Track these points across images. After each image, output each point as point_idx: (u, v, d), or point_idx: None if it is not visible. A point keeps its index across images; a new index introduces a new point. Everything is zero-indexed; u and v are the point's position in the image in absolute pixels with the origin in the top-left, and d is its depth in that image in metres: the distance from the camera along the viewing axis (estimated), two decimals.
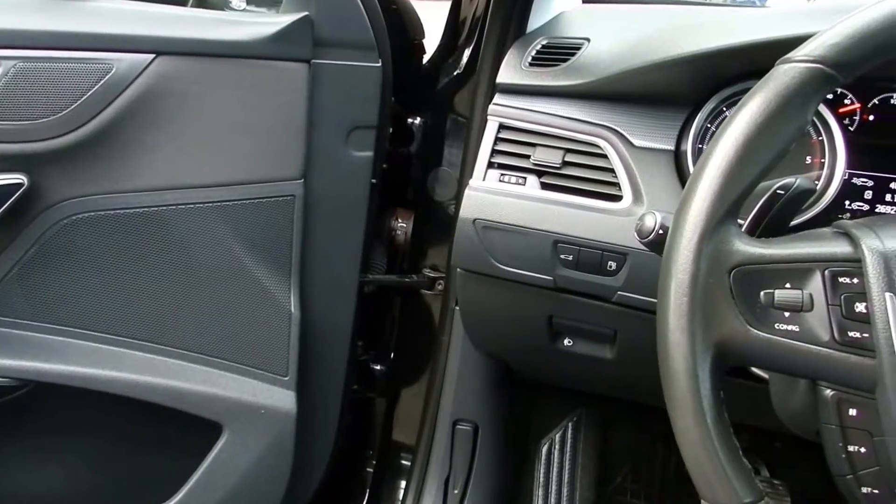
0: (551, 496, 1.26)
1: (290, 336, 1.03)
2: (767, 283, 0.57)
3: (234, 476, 1.03)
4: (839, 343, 0.55)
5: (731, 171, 0.57)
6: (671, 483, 1.29)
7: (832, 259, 0.56)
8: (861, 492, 0.56)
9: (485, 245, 0.91)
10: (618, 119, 0.89)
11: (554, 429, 1.28)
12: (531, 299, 0.92)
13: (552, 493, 1.26)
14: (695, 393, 0.56)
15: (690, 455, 0.57)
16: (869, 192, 0.84)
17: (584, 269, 0.87)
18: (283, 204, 1.01)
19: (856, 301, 0.55)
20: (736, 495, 0.56)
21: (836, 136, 0.82)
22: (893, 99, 0.84)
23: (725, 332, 0.57)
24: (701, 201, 0.57)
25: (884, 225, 0.57)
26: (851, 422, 0.56)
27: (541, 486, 1.26)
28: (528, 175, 0.91)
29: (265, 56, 0.96)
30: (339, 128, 1.02)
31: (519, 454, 1.27)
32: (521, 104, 0.93)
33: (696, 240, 0.57)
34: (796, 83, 0.57)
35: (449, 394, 1.14)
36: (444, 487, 1.14)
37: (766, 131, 0.57)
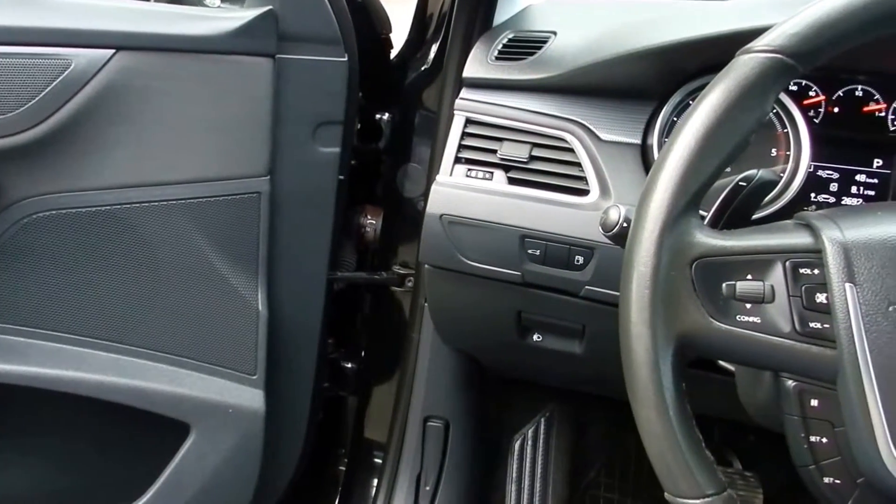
0: (524, 491, 1.26)
1: (258, 334, 1.02)
2: (729, 275, 0.57)
3: (202, 476, 1.02)
4: (800, 334, 0.55)
5: (691, 163, 0.57)
6: (644, 477, 1.30)
7: (793, 250, 0.56)
8: (823, 482, 0.57)
9: (452, 241, 0.90)
10: (584, 113, 0.89)
11: (526, 424, 1.28)
12: (499, 295, 0.92)
13: (525, 489, 1.26)
14: (657, 386, 0.56)
15: (653, 448, 0.57)
16: (834, 185, 0.85)
17: (552, 263, 0.87)
18: (248, 201, 1.00)
19: (816, 292, 0.55)
20: (698, 487, 0.56)
21: (801, 128, 0.83)
22: (858, 91, 0.84)
23: (687, 325, 0.56)
24: (662, 193, 0.57)
25: (844, 215, 0.57)
26: (813, 412, 0.56)
27: (513, 482, 1.26)
28: (496, 170, 0.90)
29: (228, 51, 0.94)
30: (305, 124, 1.01)
31: (491, 450, 1.26)
32: (488, 98, 0.92)
33: (657, 232, 0.57)
34: (756, 73, 0.56)
35: (419, 391, 1.13)
36: (415, 484, 1.14)
37: (726, 122, 0.57)
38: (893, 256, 0.53)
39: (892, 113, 0.83)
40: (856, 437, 0.54)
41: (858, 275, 0.53)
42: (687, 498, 0.56)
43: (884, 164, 0.83)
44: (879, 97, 0.83)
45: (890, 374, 0.52)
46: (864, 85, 0.83)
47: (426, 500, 1.14)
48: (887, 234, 0.54)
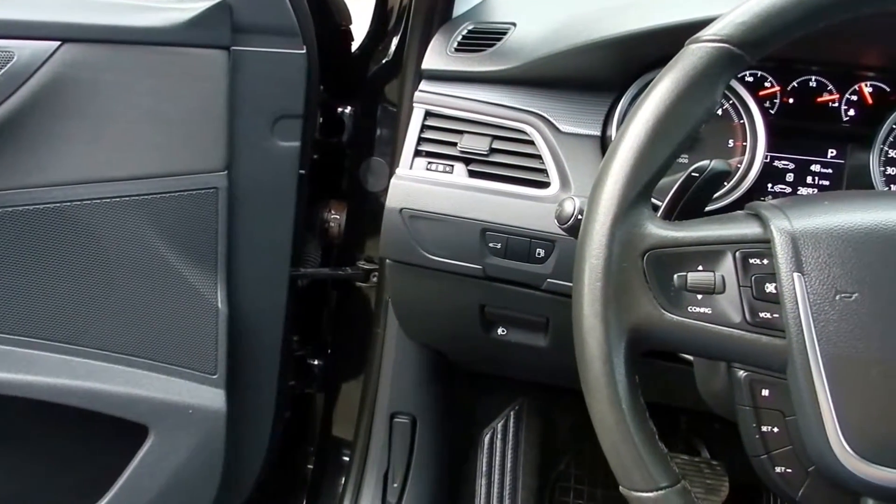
0: (494, 485, 1.25)
1: (218, 333, 1.00)
2: (680, 266, 0.56)
3: (161, 478, 1.00)
4: (750, 324, 0.55)
5: (641, 154, 0.56)
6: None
7: (743, 241, 0.56)
8: (775, 471, 0.57)
9: (412, 235, 0.89)
10: (544, 104, 0.88)
11: (496, 418, 1.27)
12: (462, 289, 0.91)
13: (495, 483, 1.26)
14: (610, 379, 0.56)
15: (607, 441, 0.57)
16: (790, 175, 0.85)
17: (513, 257, 0.86)
18: (205, 197, 0.98)
19: (766, 282, 0.55)
20: (652, 480, 0.56)
21: (757, 119, 0.83)
22: (812, 82, 0.84)
23: (640, 317, 0.56)
24: (612, 185, 0.57)
25: (793, 205, 0.57)
26: (764, 402, 0.56)
27: (483, 476, 1.26)
28: (456, 163, 0.90)
29: (181, 43, 0.92)
30: (263, 117, 0.99)
31: (461, 444, 1.26)
32: (448, 90, 0.91)
33: (608, 224, 0.56)
34: (703, 63, 0.56)
35: (385, 387, 1.12)
36: (383, 481, 1.13)
37: (675, 112, 0.56)
38: (840, 245, 0.53)
39: (845, 104, 0.83)
40: (806, 426, 0.54)
41: (806, 264, 0.54)
42: (641, 491, 0.56)
43: (837, 154, 0.84)
44: (832, 88, 0.84)
45: (838, 363, 0.52)
46: (818, 76, 0.84)
47: (394, 497, 1.14)
48: (834, 223, 0.54)
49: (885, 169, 0.82)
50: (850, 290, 0.53)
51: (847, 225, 0.54)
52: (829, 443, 0.53)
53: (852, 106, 0.84)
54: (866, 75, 0.83)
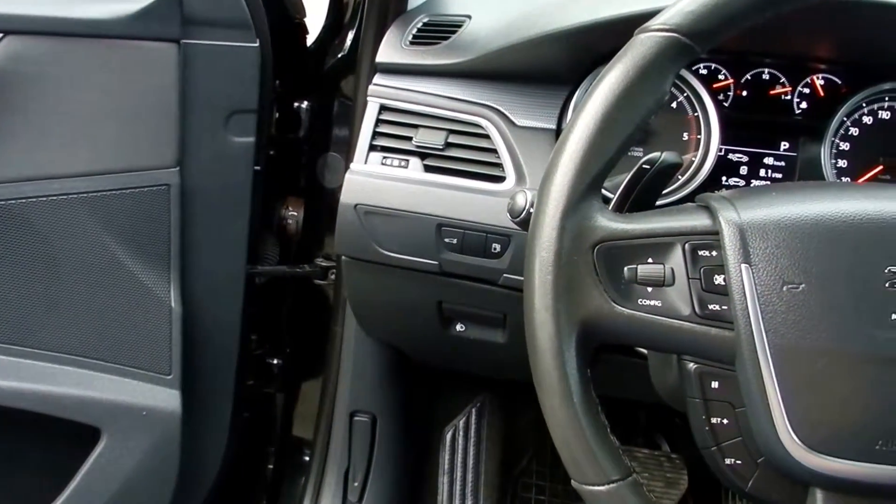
0: (456, 483, 1.25)
1: (172, 332, 0.98)
2: (630, 259, 0.56)
3: (115, 482, 0.98)
4: (700, 316, 0.55)
5: (591, 145, 0.56)
6: None
7: (692, 232, 0.56)
8: (725, 463, 0.57)
9: (367, 231, 0.88)
10: (499, 98, 0.88)
11: (457, 415, 1.27)
12: (419, 285, 0.90)
13: (457, 480, 1.25)
14: (561, 373, 0.55)
15: (558, 436, 0.56)
16: (744, 168, 0.85)
17: (469, 252, 0.85)
18: (157, 193, 0.96)
19: (715, 274, 0.55)
20: (604, 474, 0.55)
21: (711, 111, 0.83)
22: (765, 74, 0.85)
23: (590, 310, 0.56)
24: (562, 177, 0.56)
25: (741, 197, 0.57)
26: (714, 394, 0.56)
27: (445, 473, 1.25)
28: (411, 157, 0.88)
29: (128, 35, 0.90)
30: (216, 112, 0.97)
31: (422, 442, 1.25)
32: (402, 84, 0.90)
33: (558, 216, 0.56)
34: (652, 53, 0.56)
35: (344, 385, 1.11)
36: (343, 481, 1.12)
37: (624, 103, 0.56)
38: (787, 236, 0.53)
39: (798, 96, 0.84)
40: (754, 418, 0.54)
41: (754, 255, 0.53)
42: (592, 485, 0.56)
43: (790, 147, 0.84)
44: (785, 80, 0.84)
45: (785, 354, 0.52)
46: (771, 68, 0.84)
47: (355, 496, 1.12)
48: (782, 214, 0.54)
49: (836, 161, 0.82)
50: (797, 280, 0.53)
51: (794, 216, 0.54)
52: (778, 434, 0.53)
53: (804, 98, 0.84)
54: (818, 68, 0.84)
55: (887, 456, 0.52)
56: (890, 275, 0.52)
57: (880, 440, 0.52)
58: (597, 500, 0.55)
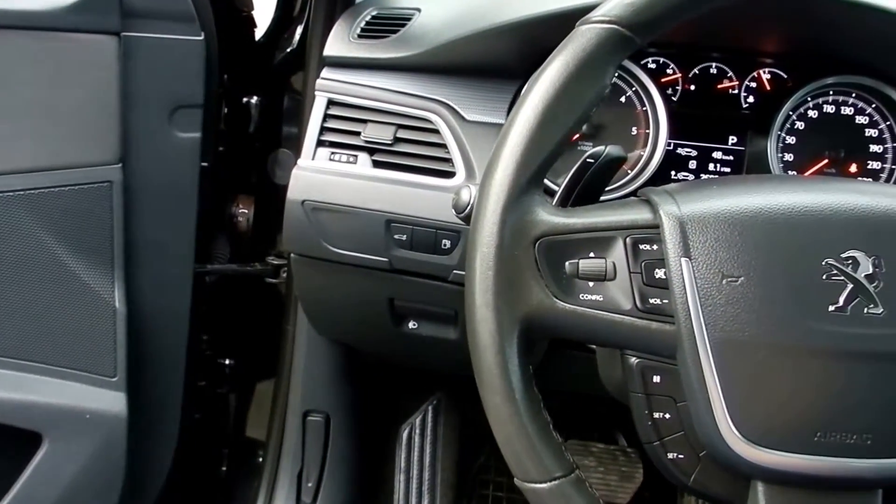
0: (412, 481, 1.24)
1: (117, 334, 0.95)
2: (572, 254, 0.56)
3: (57, 488, 0.95)
4: (641, 311, 0.54)
5: (531, 139, 0.55)
6: None
7: (633, 226, 0.55)
8: (667, 458, 0.57)
9: (315, 228, 0.86)
10: (449, 92, 0.87)
11: (414, 413, 1.26)
12: (369, 282, 0.89)
13: (413, 478, 1.24)
14: (502, 370, 0.55)
15: (500, 433, 0.56)
16: (693, 162, 0.86)
17: (419, 248, 0.84)
18: (98, 191, 0.93)
19: (656, 268, 0.54)
20: (546, 471, 0.55)
21: (659, 106, 0.83)
22: (712, 68, 0.85)
23: (532, 306, 0.55)
24: (502, 171, 0.55)
25: (682, 190, 0.57)
26: (655, 389, 0.56)
27: (402, 472, 1.24)
28: (360, 153, 0.87)
29: (65, 28, 0.87)
30: (159, 107, 0.95)
31: (378, 441, 1.24)
32: (350, 78, 0.89)
33: (499, 211, 0.55)
34: (593, 45, 0.55)
35: (297, 385, 1.09)
36: (297, 481, 1.10)
37: (565, 96, 0.55)
38: (726, 229, 0.53)
39: (745, 90, 0.84)
40: (696, 412, 0.54)
41: (693, 249, 0.53)
42: (535, 482, 0.55)
43: (738, 141, 0.84)
44: (732, 74, 0.84)
45: (725, 347, 0.52)
46: (719, 62, 0.84)
47: (309, 497, 1.11)
48: (721, 207, 0.54)
49: (782, 155, 0.83)
50: (736, 273, 0.53)
51: (733, 209, 0.54)
52: (718, 427, 0.53)
53: (751, 93, 0.85)
54: (765, 62, 0.84)
55: (826, 447, 0.52)
56: (827, 267, 0.52)
57: (819, 432, 0.52)
58: (539, 498, 0.55)
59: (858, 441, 0.52)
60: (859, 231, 0.53)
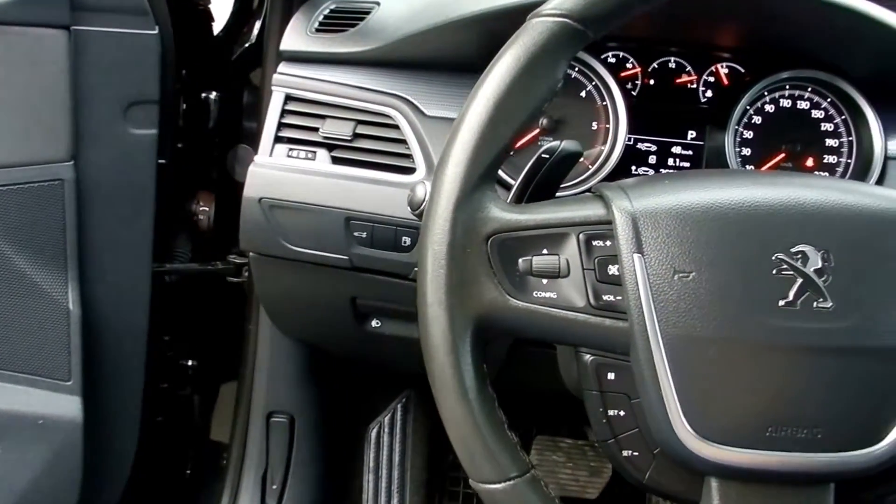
0: (382, 480, 1.23)
1: (71, 336, 0.93)
2: (525, 251, 0.55)
3: (10, 495, 0.92)
4: (594, 307, 0.54)
5: (482, 135, 0.54)
6: None
7: (585, 222, 0.55)
8: (622, 455, 0.56)
9: (273, 226, 0.85)
10: (409, 87, 0.85)
11: (382, 412, 1.25)
12: (330, 281, 0.87)
13: (383, 478, 1.23)
14: (455, 369, 0.54)
15: (454, 434, 0.55)
16: (653, 157, 0.85)
17: (380, 246, 0.83)
18: (50, 189, 0.90)
19: (609, 264, 0.54)
20: (501, 471, 0.54)
21: (618, 101, 0.82)
22: (671, 63, 0.85)
23: (485, 304, 0.54)
24: (454, 167, 0.55)
25: (635, 185, 0.57)
26: (610, 386, 0.56)
27: (371, 472, 1.23)
28: (319, 149, 0.86)
29: (11, 21, 0.84)
30: (113, 103, 0.92)
31: (346, 441, 1.22)
32: (308, 73, 0.87)
33: (450, 208, 0.54)
34: (544, 38, 0.55)
35: (260, 385, 1.07)
36: (261, 484, 1.08)
37: (516, 90, 0.55)
38: (678, 225, 0.53)
39: (703, 85, 0.84)
40: (649, 409, 0.53)
41: (646, 244, 0.53)
42: (490, 483, 0.54)
43: (697, 136, 0.84)
44: (691, 69, 0.84)
45: (678, 343, 0.52)
46: (677, 57, 0.84)
47: (273, 499, 1.09)
48: (673, 203, 0.54)
49: (740, 149, 0.83)
50: (688, 269, 0.52)
51: (684, 204, 0.53)
52: (672, 424, 0.53)
53: (710, 87, 0.85)
54: (722, 56, 0.84)
55: (777, 442, 0.52)
56: (777, 261, 0.52)
57: (770, 427, 0.52)
58: (494, 499, 0.54)
59: (809, 435, 0.52)
60: (809, 225, 0.52)
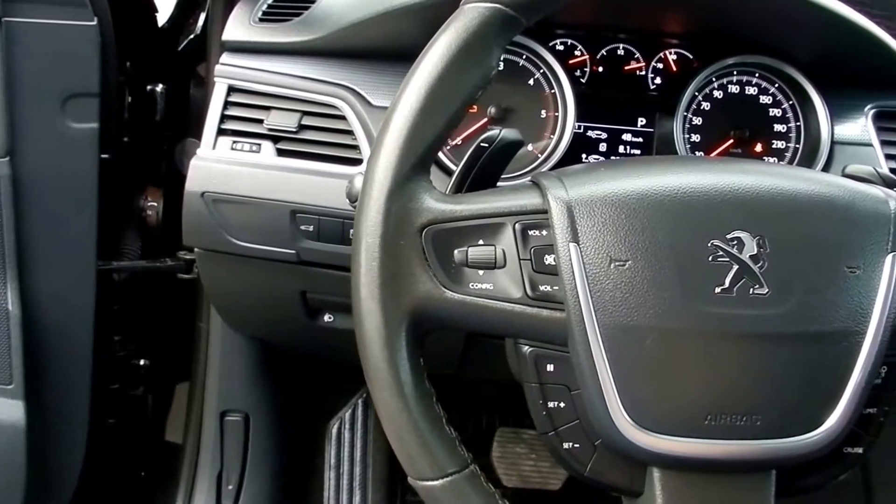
0: (343, 477, 1.21)
1: (12, 338, 0.91)
2: (461, 242, 0.54)
3: None
4: (531, 298, 0.53)
5: (414, 124, 0.53)
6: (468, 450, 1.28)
7: (522, 212, 0.54)
8: (563, 448, 0.55)
9: (217, 220, 0.83)
10: (354, 77, 0.84)
11: (343, 407, 1.23)
12: (279, 276, 0.86)
13: (344, 474, 1.21)
14: (390, 364, 0.53)
15: (391, 431, 0.54)
16: (603, 145, 0.85)
17: (327, 239, 0.82)
18: None
19: (545, 254, 0.53)
20: (438, 467, 0.53)
21: (566, 88, 0.81)
22: (619, 50, 0.84)
23: (420, 297, 0.53)
24: (386, 158, 0.53)
25: (572, 173, 0.56)
26: (549, 377, 0.55)
27: (332, 468, 1.21)
28: (263, 141, 0.84)
29: None
30: (50, 96, 0.89)
31: (307, 437, 1.21)
32: (252, 64, 0.85)
33: (382, 199, 0.53)
34: (476, 25, 0.53)
35: (213, 384, 1.05)
36: (217, 484, 1.06)
37: (449, 78, 0.53)
38: (613, 213, 0.52)
39: (652, 71, 0.84)
40: (589, 400, 0.53)
41: (581, 233, 0.52)
42: (428, 480, 0.53)
43: (647, 123, 0.84)
44: (639, 56, 0.84)
45: (615, 333, 0.51)
46: (625, 43, 0.83)
47: (230, 500, 1.07)
48: (608, 190, 0.53)
49: (689, 136, 0.83)
50: (624, 257, 0.51)
51: (620, 192, 0.53)
52: (611, 415, 0.52)
53: (658, 74, 0.84)
54: (670, 42, 0.84)
55: (717, 430, 0.52)
56: (713, 248, 0.51)
57: (709, 415, 0.51)
58: (433, 497, 0.53)
59: (748, 423, 0.52)
60: (744, 211, 0.52)
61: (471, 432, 1.25)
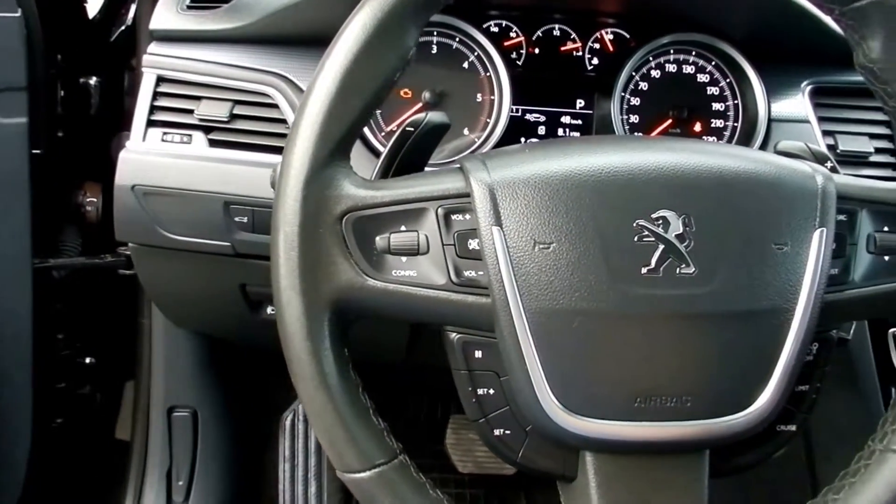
0: (298, 468, 1.20)
1: None
2: (382, 228, 0.52)
3: None
4: (456, 284, 0.52)
5: (331, 108, 0.51)
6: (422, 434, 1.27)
7: (444, 196, 0.53)
8: (494, 434, 0.55)
9: (149, 214, 0.80)
10: (286, 64, 0.82)
11: (295, 399, 1.21)
12: (216, 269, 0.84)
13: (299, 465, 1.20)
14: (312, 356, 0.51)
15: (317, 424, 0.53)
16: (542, 128, 0.84)
17: (262, 230, 0.80)
18: None
19: (469, 238, 0.52)
20: (366, 459, 0.52)
21: (501, 71, 0.80)
22: (556, 31, 0.83)
23: (341, 286, 0.52)
24: (302, 144, 0.52)
25: (495, 156, 0.54)
26: (478, 364, 0.54)
27: (286, 460, 1.20)
28: (194, 132, 0.81)
29: None
30: None
31: (260, 431, 1.19)
32: (181, 52, 0.82)
33: (299, 187, 0.51)
34: (390, 5, 0.52)
35: (158, 380, 1.03)
36: (166, 481, 1.04)
37: (364, 60, 0.52)
38: (536, 195, 0.51)
39: (589, 52, 0.83)
40: (517, 385, 0.52)
41: (504, 217, 0.51)
42: (356, 472, 0.52)
43: (586, 105, 0.83)
44: (576, 36, 0.83)
45: (541, 317, 0.50)
46: (561, 24, 0.82)
47: (180, 496, 1.05)
48: (530, 172, 0.52)
49: (627, 117, 0.82)
50: (548, 240, 0.51)
51: (543, 173, 0.52)
52: (540, 400, 0.51)
53: (595, 54, 0.83)
54: (606, 22, 0.83)
55: (647, 413, 0.51)
56: (638, 228, 0.51)
57: (638, 397, 0.51)
58: (361, 489, 0.52)
59: (678, 404, 0.51)
60: (669, 190, 0.51)
61: (424, 420, 1.24)
